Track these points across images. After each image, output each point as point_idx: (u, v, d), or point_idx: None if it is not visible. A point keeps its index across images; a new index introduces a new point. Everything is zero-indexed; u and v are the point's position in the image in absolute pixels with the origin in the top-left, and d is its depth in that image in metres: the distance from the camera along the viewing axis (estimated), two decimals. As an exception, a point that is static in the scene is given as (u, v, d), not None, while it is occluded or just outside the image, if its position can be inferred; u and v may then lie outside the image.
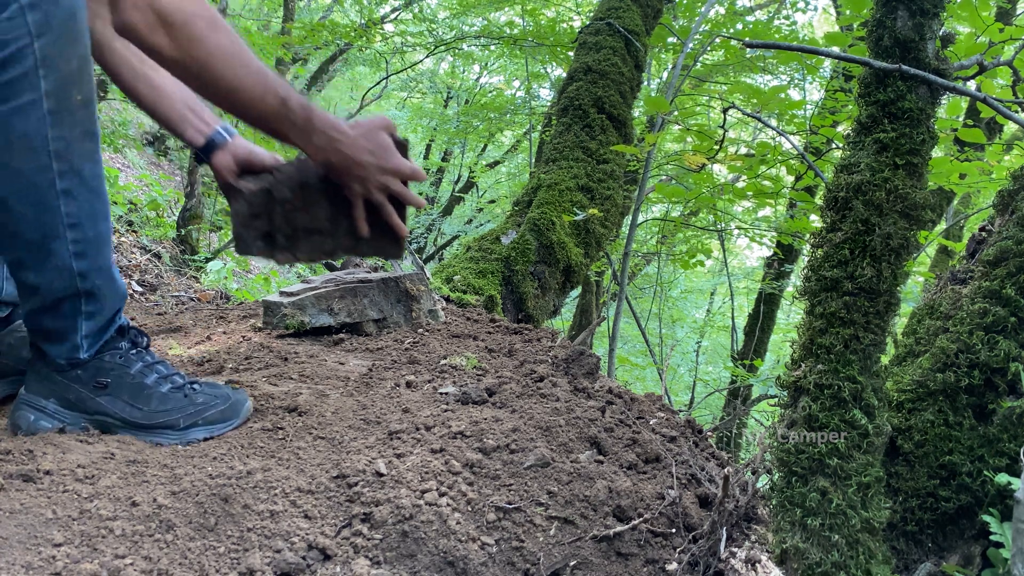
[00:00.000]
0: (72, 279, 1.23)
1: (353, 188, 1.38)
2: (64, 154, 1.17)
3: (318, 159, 1.36)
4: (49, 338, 1.27)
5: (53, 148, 1.15)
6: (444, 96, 11.70)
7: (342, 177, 1.37)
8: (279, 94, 1.30)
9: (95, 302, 1.28)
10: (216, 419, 1.32)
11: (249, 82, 1.28)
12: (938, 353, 1.30)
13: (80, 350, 1.29)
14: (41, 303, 1.23)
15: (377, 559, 0.99)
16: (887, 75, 1.18)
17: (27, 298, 1.24)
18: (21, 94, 1.11)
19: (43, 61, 1.10)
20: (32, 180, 1.16)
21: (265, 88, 1.29)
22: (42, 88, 1.12)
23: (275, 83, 1.31)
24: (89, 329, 1.29)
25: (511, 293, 2.56)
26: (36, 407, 1.27)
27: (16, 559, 0.88)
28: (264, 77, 1.30)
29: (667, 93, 3.69)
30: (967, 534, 1.22)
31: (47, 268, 1.21)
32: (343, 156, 1.35)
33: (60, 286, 1.23)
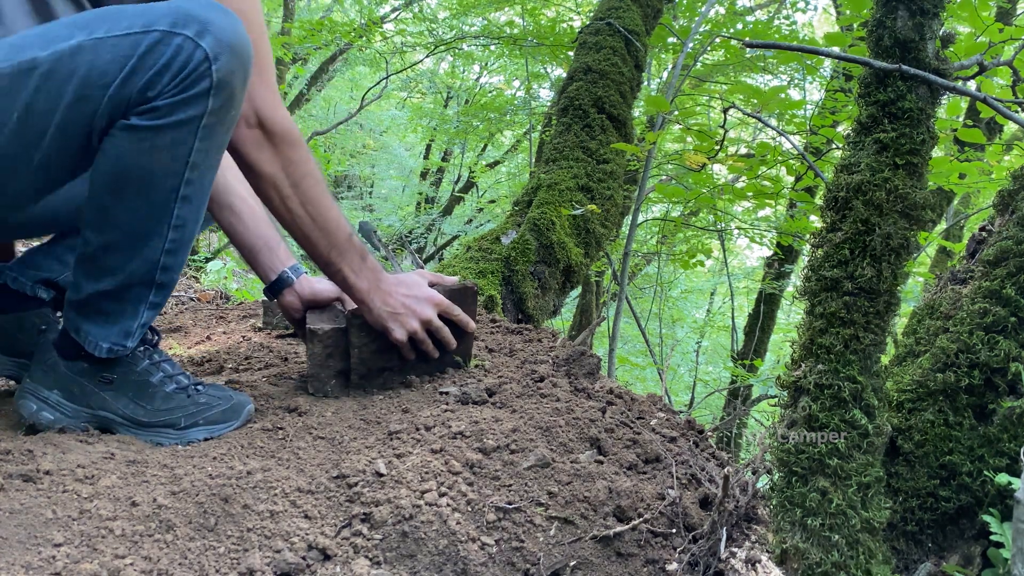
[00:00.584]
0: (154, 270, 1.26)
1: (390, 329, 1.46)
2: (199, 164, 1.23)
3: (360, 295, 1.44)
4: (101, 321, 1.27)
5: (192, 159, 1.21)
6: (444, 96, 11.70)
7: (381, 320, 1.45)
8: (348, 229, 1.42)
9: (163, 293, 1.30)
10: (217, 419, 1.33)
11: (330, 212, 1.38)
12: (938, 353, 1.30)
13: (131, 337, 1.30)
14: (113, 285, 1.25)
15: (377, 559, 0.99)
16: (887, 75, 1.18)
17: (98, 278, 1.25)
18: (190, 109, 1.16)
19: (218, 83, 1.16)
20: (160, 184, 1.21)
21: (339, 221, 1.40)
22: (209, 106, 1.17)
23: (345, 219, 1.42)
24: (148, 318, 1.31)
25: (511, 293, 2.56)
26: (39, 397, 1.27)
27: (16, 559, 0.88)
28: (340, 211, 1.41)
29: (667, 93, 3.69)
30: (967, 534, 1.22)
31: (136, 258, 1.24)
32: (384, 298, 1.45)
33: (140, 274, 1.25)
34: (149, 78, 1.13)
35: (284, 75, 8.80)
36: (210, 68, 1.15)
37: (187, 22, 1.14)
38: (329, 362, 1.50)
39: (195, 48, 1.14)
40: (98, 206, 1.21)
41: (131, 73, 1.12)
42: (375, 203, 13.15)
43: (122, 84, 1.13)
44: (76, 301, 1.27)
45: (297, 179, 1.33)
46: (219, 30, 1.15)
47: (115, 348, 1.28)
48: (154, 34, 1.13)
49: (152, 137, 1.16)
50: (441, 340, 1.52)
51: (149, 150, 1.17)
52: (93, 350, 1.27)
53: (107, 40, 1.12)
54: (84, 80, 1.12)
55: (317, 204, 1.36)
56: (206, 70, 1.15)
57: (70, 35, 1.13)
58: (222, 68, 1.16)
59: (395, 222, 11.08)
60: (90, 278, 1.25)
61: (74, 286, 1.27)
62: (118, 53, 1.12)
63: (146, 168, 1.18)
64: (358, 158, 13.13)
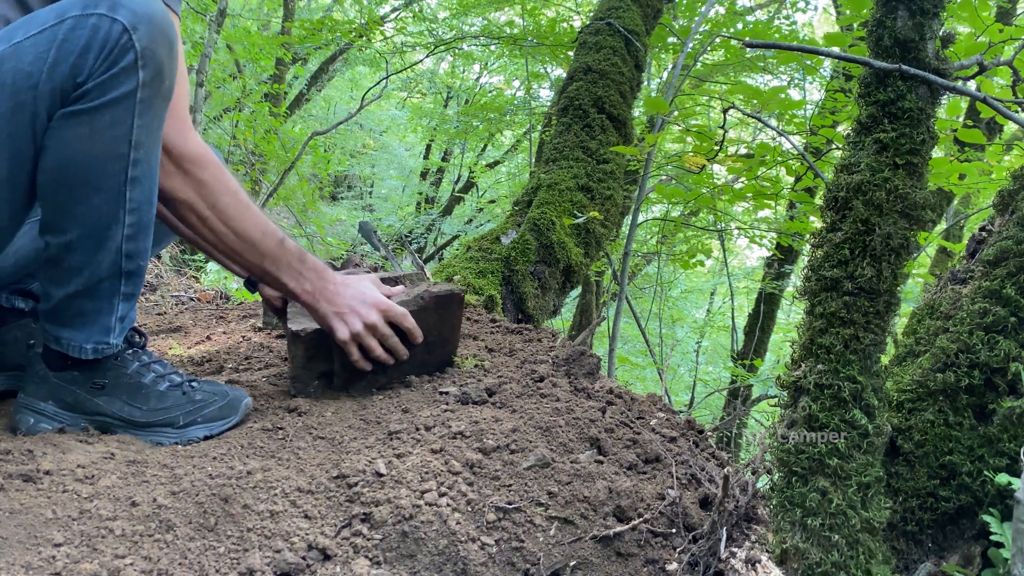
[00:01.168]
0: (119, 259, 1.25)
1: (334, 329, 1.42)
2: (142, 142, 1.20)
3: (306, 299, 1.41)
4: (79, 323, 1.26)
5: (135, 137, 1.19)
6: (444, 96, 11.70)
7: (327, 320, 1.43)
8: (277, 235, 1.38)
9: (133, 282, 1.29)
10: (215, 416, 1.33)
11: (252, 223, 1.35)
12: (938, 353, 1.30)
13: (111, 333, 1.28)
14: (83, 284, 1.24)
15: (377, 559, 0.99)
16: (887, 75, 1.18)
17: (67, 281, 1.23)
18: (121, 85, 1.15)
19: (142, 53, 1.14)
20: (107, 168, 1.19)
21: (265, 230, 1.37)
22: (139, 78, 1.16)
23: (273, 226, 1.39)
24: (124, 311, 1.29)
25: (511, 293, 2.56)
26: (35, 410, 1.27)
27: (16, 559, 0.88)
28: (265, 219, 1.38)
29: (667, 93, 3.69)
30: (967, 534, 1.22)
31: (100, 250, 1.23)
32: (330, 298, 1.42)
33: (106, 266, 1.24)
34: (73, 63, 1.12)
35: (284, 75, 8.81)
36: (131, 39, 1.13)
37: (98, 1, 1.13)
38: (311, 364, 1.49)
39: (111, 23, 1.12)
40: (51, 205, 1.20)
41: (53, 64, 1.12)
42: (375, 203, 13.16)
43: (48, 78, 1.12)
44: (48, 310, 1.26)
45: (213, 199, 1.31)
46: (132, 2, 1.14)
47: (100, 347, 1.27)
48: (68, 21, 1.12)
49: (89, 121, 1.15)
50: (389, 348, 1.48)
51: (89, 135, 1.15)
52: (78, 354, 1.26)
53: (25, 42, 1.12)
54: (13, 87, 1.11)
55: (239, 219, 1.34)
56: (127, 42, 1.13)
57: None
58: (143, 37, 1.14)
59: (395, 222, 11.08)
60: (57, 283, 1.24)
61: (44, 296, 1.26)
62: (38, 50, 1.12)
63: (90, 154, 1.17)
64: (358, 158, 13.13)
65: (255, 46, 6.57)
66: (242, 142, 6.11)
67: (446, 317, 1.58)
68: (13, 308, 1.46)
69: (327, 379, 1.50)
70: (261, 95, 7.73)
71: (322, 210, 8.54)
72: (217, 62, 6.84)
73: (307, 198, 6.54)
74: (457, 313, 1.59)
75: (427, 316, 1.53)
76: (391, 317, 1.47)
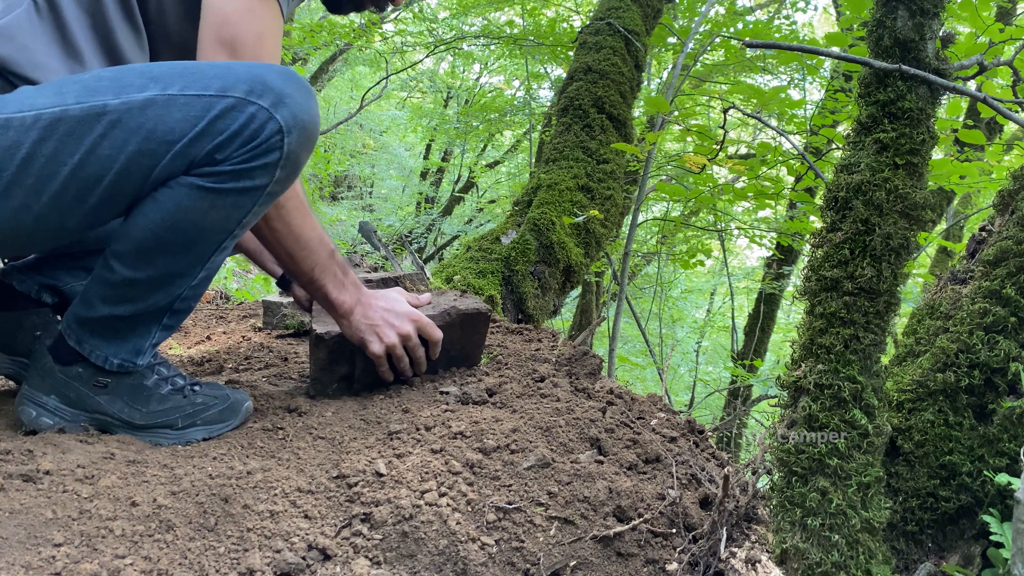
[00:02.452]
0: (174, 301, 1.27)
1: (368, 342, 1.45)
2: (249, 224, 1.24)
3: (343, 311, 1.44)
4: (113, 339, 1.27)
5: (246, 220, 1.22)
6: (444, 96, 11.70)
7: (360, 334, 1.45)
8: (330, 246, 1.41)
9: (178, 318, 1.31)
10: (214, 419, 1.33)
11: (313, 231, 1.38)
12: (938, 353, 1.30)
13: (142, 355, 1.30)
14: (131, 312, 1.25)
15: (377, 559, 0.99)
16: (887, 75, 1.18)
17: (116, 304, 1.24)
18: (257, 178, 1.17)
19: (287, 155, 1.17)
20: (207, 239, 1.22)
21: (321, 238, 1.40)
22: (275, 176, 1.18)
23: (327, 236, 1.42)
24: (160, 339, 1.31)
25: (511, 293, 2.56)
26: (37, 403, 1.28)
27: (16, 559, 0.88)
28: (321, 227, 1.41)
29: (667, 93, 3.69)
30: (967, 534, 1.22)
31: (160, 292, 1.24)
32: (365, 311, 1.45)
33: (160, 306, 1.26)
34: (219, 142, 1.13)
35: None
36: (282, 141, 1.15)
37: (264, 91, 1.14)
38: (333, 367, 1.49)
39: (268, 119, 1.13)
40: (137, 246, 1.20)
41: (200, 135, 1.12)
42: (375, 203, 13.16)
43: (189, 144, 1.12)
44: (87, 318, 1.26)
45: (281, 201, 1.33)
46: (295, 104, 1.15)
47: (126, 364, 1.29)
48: (229, 99, 1.13)
49: (214, 198, 1.16)
50: (415, 359, 1.51)
51: (207, 209, 1.17)
52: (103, 363, 1.27)
53: (179, 98, 1.12)
54: (150, 135, 1.11)
55: (300, 223, 1.36)
56: (278, 142, 1.15)
57: (144, 86, 1.12)
58: (293, 143, 1.16)
59: (395, 222, 11.08)
60: (107, 302, 1.24)
61: (86, 302, 1.25)
62: (189, 113, 1.12)
63: (200, 224, 1.18)
64: (358, 158, 13.13)
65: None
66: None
67: (470, 333, 1.60)
68: (39, 300, 1.48)
69: (346, 382, 1.51)
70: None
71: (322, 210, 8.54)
72: (217, 62, 6.82)
73: (307, 198, 6.54)
74: (482, 330, 1.62)
75: (452, 331, 1.56)
76: (423, 330, 1.50)
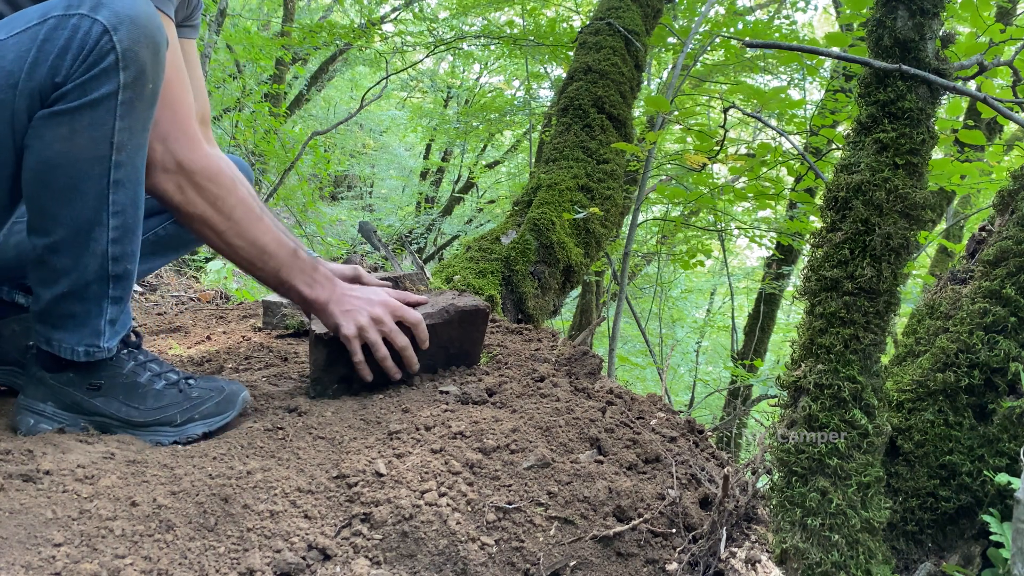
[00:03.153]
0: (105, 262, 1.24)
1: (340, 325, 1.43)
2: (124, 145, 1.20)
3: (318, 306, 1.43)
4: (69, 325, 1.26)
5: (116, 140, 1.18)
6: (444, 96, 11.70)
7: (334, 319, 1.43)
8: (291, 245, 1.40)
9: (122, 285, 1.29)
10: (212, 412, 1.32)
11: (268, 235, 1.37)
12: (938, 353, 1.30)
13: (102, 336, 1.28)
14: (69, 287, 1.24)
15: (377, 559, 0.99)
16: (887, 75, 1.18)
17: (54, 282, 1.23)
18: (102, 86, 1.14)
19: (123, 54, 1.14)
20: (88, 170, 1.18)
21: (279, 240, 1.39)
22: (120, 80, 1.15)
23: (287, 235, 1.41)
24: (114, 313, 1.29)
25: (511, 293, 2.56)
26: (35, 411, 1.27)
27: (16, 559, 0.88)
28: (278, 230, 1.40)
29: (667, 93, 3.69)
30: (967, 534, 1.22)
31: (84, 253, 1.22)
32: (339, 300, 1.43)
33: (92, 269, 1.24)
34: (51, 63, 1.11)
35: (284, 75, 8.81)
36: (112, 40, 1.12)
37: (81, 1, 1.12)
38: (332, 367, 1.49)
39: (92, 23, 1.12)
40: (35, 206, 1.19)
41: (33, 64, 1.11)
42: (375, 203, 13.16)
43: (28, 77, 1.11)
44: (39, 312, 1.26)
45: (228, 212, 1.32)
46: (115, 2, 1.13)
47: (91, 350, 1.27)
48: (50, 21, 1.12)
49: (69, 121, 1.14)
50: (399, 350, 1.47)
51: (69, 135, 1.15)
52: (70, 356, 1.26)
53: (8, 40, 1.12)
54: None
55: (253, 230, 1.35)
56: (108, 43, 1.12)
57: None
58: (124, 39, 1.14)
59: (395, 222, 11.08)
60: (45, 284, 1.24)
61: (34, 297, 1.26)
62: (19, 49, 1.11)
63: (70, 155, 1.16)
64: (358, 158, 13.13)
65: (255, 46, 6.57)
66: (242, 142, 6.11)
67: (469, 331, 1.59)
68: (13, 303, 1.47)
69: (346, 383, 1.51)
70: (261, 95, 7.73)
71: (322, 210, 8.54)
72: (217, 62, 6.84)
73: (307, 198, 6.55)
74: (481, 327, 1.61)
75: (451, 329, 1.55)
76: (398, 313, 1.47)
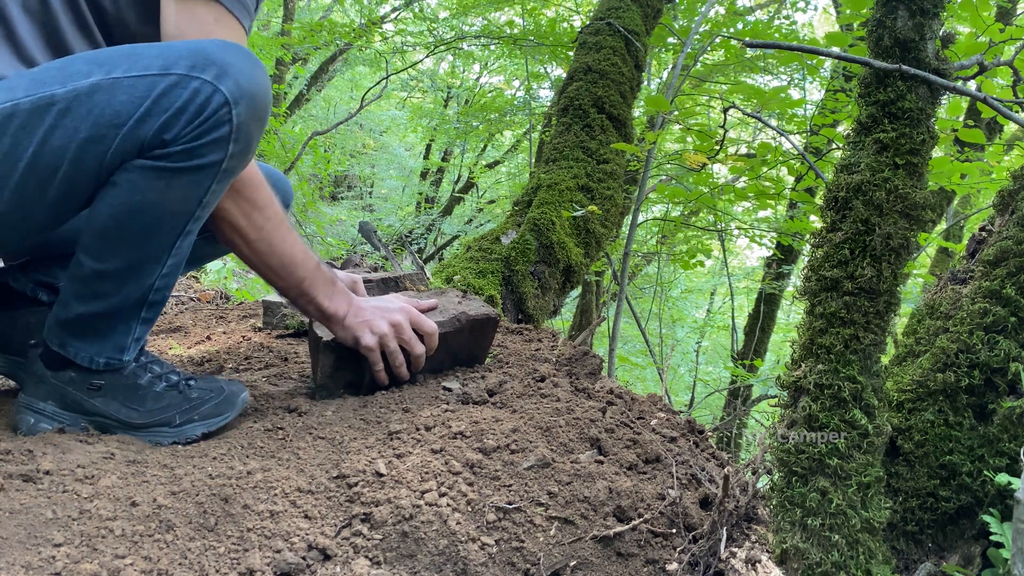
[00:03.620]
0: (148, 293, 1.27)
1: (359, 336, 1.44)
2: (210, 203, 1.23)
3: (336, 319, 1.44)
4: (90, 337, 1.27)
5: (206, 200, 1.22)
6: (444, 96, 11.70)
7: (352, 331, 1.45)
8: (315, 259, 1.43)
9: (155, 310, 1.31)
10: (211, 413, 1.33)
11: (297, 247, 1.39)
12: (938, 353, 1.30)
13: (126, 351, 1.30)
14: (106, 308, 1.25)
15: (377, 559, 0.99)
16: (887, 75, 1.18)
17: (91, 300, 1.24)
18: (210, 154, 1.16)
19: (238, 128, 1.16)
20: (169, 221, 1.21)
21: (306, 253, 1.41)
22: (229, 151, 1.18)
23: (310, 249, 1.44)
24: (140, 333, 1.31)
25: (511, 293, 2.56)
26: (35, 410, 1.27)
27: (16, 559, 0.88)
28: (304, 243, 1.42)
29: (667, 93, 3.69)
30: (967, 534, 1.22)
31: (132, 283, 1.24)
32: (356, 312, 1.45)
33: (134, 297, 1.26)
34: (164, 120, 1.12)
35: (284, 75, 8.81)
36: (230, 113, 1.14)
37: (206, 65, 1.13)
38: (339, 373, 1.49)
39: (213, 92, 1.13)
40: (100, 236, 1.20)
41: (145, 115, 1.12)
42: (375, 203, 13.16)
43: (136, 126, 1.12)
44: (64, 319, 1.26)
45: (261, 223, 1.33)
46: (239, 74, 1.15)
47: (112, 362, 1.29)
48: (172, 77, 1.12)
49: (169, 179, 1.16)
50: (412, 356, 1.49)
51: (164, 189, 1.17)
52: (88, 364, 1.27)
53: (124, 80, 1.12)
54: (98, 120, 1.11)
55: (283, 242, 1.36)
56: (226, 115, 1.14)
57: (89, 72, 1.12)
58: (242, 113, 1.15)
59: (395, 222, 11.09)
60: (81, 300, 1.24)
61: (63, 303, 1.26)
62: (134, 94, 1.12)
63: (159, 207, 1.18)
64: (358, 158, 13.13)
65: (255, 46, 6.57)
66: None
67: (479, 338, 1.61)
68: (36, 298, 1.48)
69: (353, 389, 1.51)
70: (261, 95, 7.71)
71: (322, 210, 8.54)
72: (217, 62, 6.82)
73: (307, 198, 6.55)
74: (490, 335, 1.63)
75: (461, 337, 1.56)
76: (415, 322, 1.49)
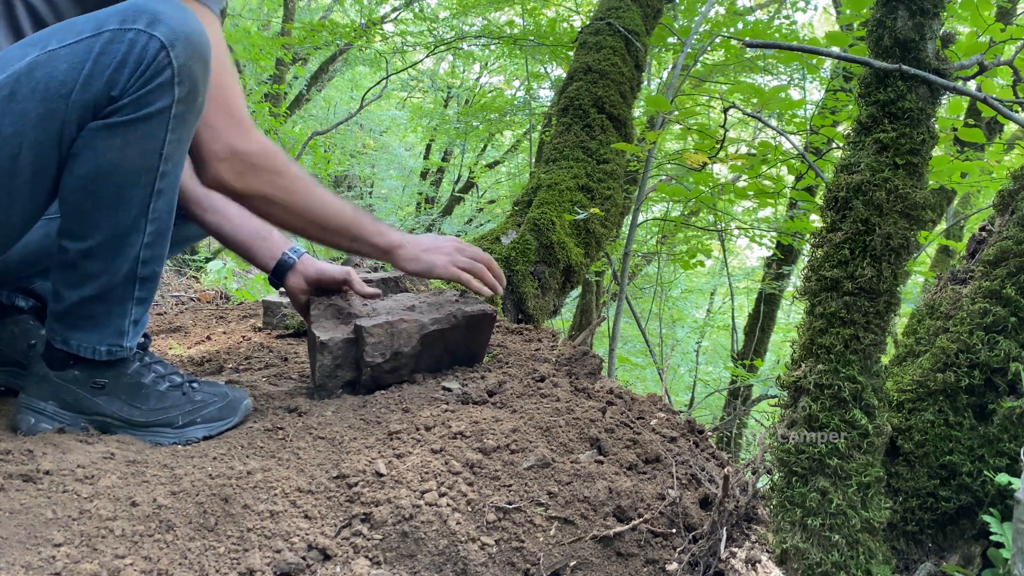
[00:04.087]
0: (135, 266, 1.26)
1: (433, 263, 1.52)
2: (171, 156, 1.22)
3: (394, 249, 1.49)
4: (90, 326, 1.26)
5: (166, 151, 1.21)
6: (444, 96, 11.70)
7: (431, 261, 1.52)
8: (349, 207, 1.46)
9: (148, 287, 1.30)
10: (214, 417, 1.33)
11: (328, 199, 1.42)
12: (938, 353, 1.30)
13: (125, 336, 1.29)
14: (97, 289, 1.24)
15: (377, 559, 0.99)
16: (887, 75, 1.18)
17: (81, 284, 1.24)
18: (157, 100, 1.16)
19: (179, 70, 1.16)
20: (136, 180, 1.20)
21: (341, 206, 1.44)
22: (175, 94, 1.17)
23: (341, 198, 1.47)
24: (138, 315, 1.30)
25: (511, 293, 2.55)
26: (35, 409, 1.27)
27: (16, 559, 0.88)
28: (333, 195, 1.46)
29: (667, 93, 3.68)
30: (967, 534, 1.22)
31: (118, 257, 1.23)
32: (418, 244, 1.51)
33: (122, 273, 1.25)
34: (108, 77, 1.12)
35: (284, 75, 8.81)
36: (168, 56, 1.14)
37: (137, 16, 1.14)
38: (338, 372, 1.49)
39: (149, 39, 1.13)
40: (74, 212, 1.20)
41: (89, 77, 1.12)
42: (375, 203, 13.15)
43: (83, 89, 1.12)
44: (60, 311, 1.26)
45: (289, 188, 1.34)
46: (171, 19, 1.15)
47: (113, 349, 1.28)
48: (105, 34, 1.13)
49: (123, 133, 1.15)
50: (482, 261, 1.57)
51: (121, 146, 1.16)
52: (91, 355, 1.27)
53: (60, 51, 1.12)
54: (45, 94, 1.11)
55: (317, 202, 1.39)
56: (165, 59, 1.14)
57: (24, 54, 1.12)
58: (180, 55, 1.15)
59: (395, 222, 11.08)
60: (71, 286, 1.24)
61: (55, 296, 1.26)
62: (73, 60, 1.12)
63: (121, 166, 1.17)
64: (358, 158, 13.13)
65: (255, 46, 6.57)
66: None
67: (476, 334, 1.62)
68: (13, 305, 1.47)
69: (351, 388, 1.51)
70: (261, 95, 7.74)
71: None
72: (217, 62, 6.81)
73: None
74: (487, 331, 1.63)
75: (457, 333, 1.57)
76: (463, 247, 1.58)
